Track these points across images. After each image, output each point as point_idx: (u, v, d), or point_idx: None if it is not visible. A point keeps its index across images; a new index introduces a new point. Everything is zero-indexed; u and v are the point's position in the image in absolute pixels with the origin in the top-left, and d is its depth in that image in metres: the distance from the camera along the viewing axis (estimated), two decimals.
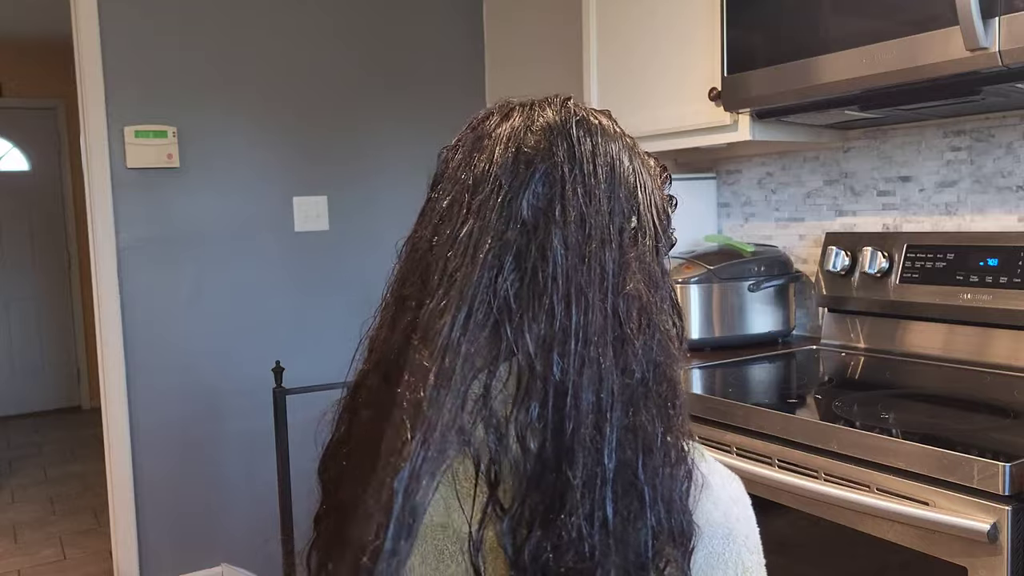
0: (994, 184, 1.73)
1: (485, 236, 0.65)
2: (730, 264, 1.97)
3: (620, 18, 2.15)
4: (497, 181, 0.67)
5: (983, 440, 1.21)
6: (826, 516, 1.27)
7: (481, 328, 0.63)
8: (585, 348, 0.62)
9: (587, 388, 0.62)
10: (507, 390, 0.63)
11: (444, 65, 3.16)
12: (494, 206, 0.66)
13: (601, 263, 0.65)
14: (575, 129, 0.69)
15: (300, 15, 2.88)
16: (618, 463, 0.61)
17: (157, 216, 2.68)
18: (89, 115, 2.56)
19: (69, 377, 5.90)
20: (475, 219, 0.66)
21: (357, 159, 2.99)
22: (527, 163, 0.67)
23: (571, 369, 0.62)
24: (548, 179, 0.66)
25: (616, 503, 0.60)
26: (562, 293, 0.63)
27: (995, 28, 1.27)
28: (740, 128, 1.83)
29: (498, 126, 0.71)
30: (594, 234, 0.65)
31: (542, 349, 0.62)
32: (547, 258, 0.64)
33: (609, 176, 0.68)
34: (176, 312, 2.72)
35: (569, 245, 0.64)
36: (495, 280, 0.64)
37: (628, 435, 0.62)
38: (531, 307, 0.63)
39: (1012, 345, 1.60)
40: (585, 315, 0.63)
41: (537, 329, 0.63)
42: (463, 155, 0.71)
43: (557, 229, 0.65)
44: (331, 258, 2.94)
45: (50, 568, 3.26)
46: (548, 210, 0.65)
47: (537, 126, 0.69)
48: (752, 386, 1.68)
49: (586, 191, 0.67)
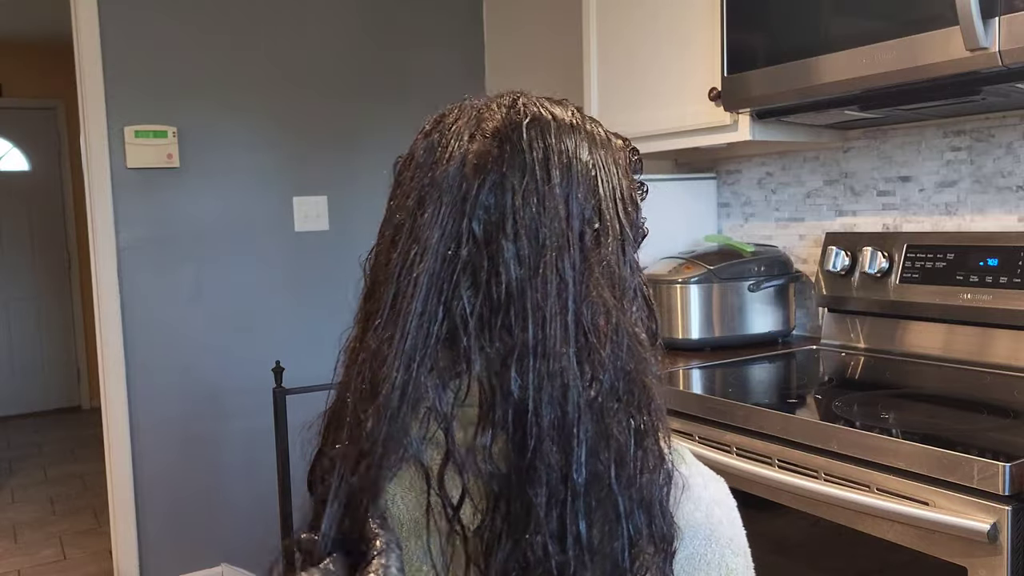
0: (994, 184, 1.73)
1: (428, 260, 0.62)
2: (730, 264, 1.97)
3: (620, 19, 2.15)
4: (441, 200, 0.64)
5: (983, 440, 1.21)
6: (826, 516, 1.27)
7: (431, 351, 0.62)
8: (545, 363, 0.60)
9: (549, 404, 0.60)
10: (468, 411, 0.62)
11: (444, 65, 3.16)
12: (440, 224, 0.63)
13: (560, 273, 0.62)
14: (526, 132, 0.65)
15: (300, 16, 2.88)
16: (589, 476, 0.59)
17: (157, 216, 2.68)
18: (89, 115, 2.56)
19: (69, 377, 5.90)
20: (418, 242, 0.63)
21: (357, 159, 2.99)
22: (475, 173, 0.64)
23: (530, 386, 0.60)
24: (498, 189, 0.63)
25: (589, 516, 0.59)
26: (518, 308, 0.61)
27: (995, 28, 1.27)
28: (740, 128, 1.83)
29: (446, 132, 0.67)
30: (550, 243, 0.62)
31: (500, 367, 0.60)
32: (499, 273, 0.62)
33: (565, 177, 0.65)
34: (176, 312, 2.72)
35: (522, 258, 0.62)
36: (447, 302, 0.62)
37: (599, 446, 0.60)
38: (488, 325, 0.62)
39: (1012, 345, 1.60)
40: (543, 329, 0.61)
41: (494, 347, 0.61)
42: (414, 166, 0.68)
43: (508, 243, 0.62)
44: (331, 258, 2.94)
45: (50, 568, 3.26)
46: (500, 223, 0.63)
47: (486, 131, 0.66)
48: (752, 386, 1.68)
49: (539, 198, 0.63)
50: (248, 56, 2.80)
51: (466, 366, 0.62)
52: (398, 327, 0.62)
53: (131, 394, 2.65)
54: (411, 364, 0.62)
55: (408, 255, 0.64)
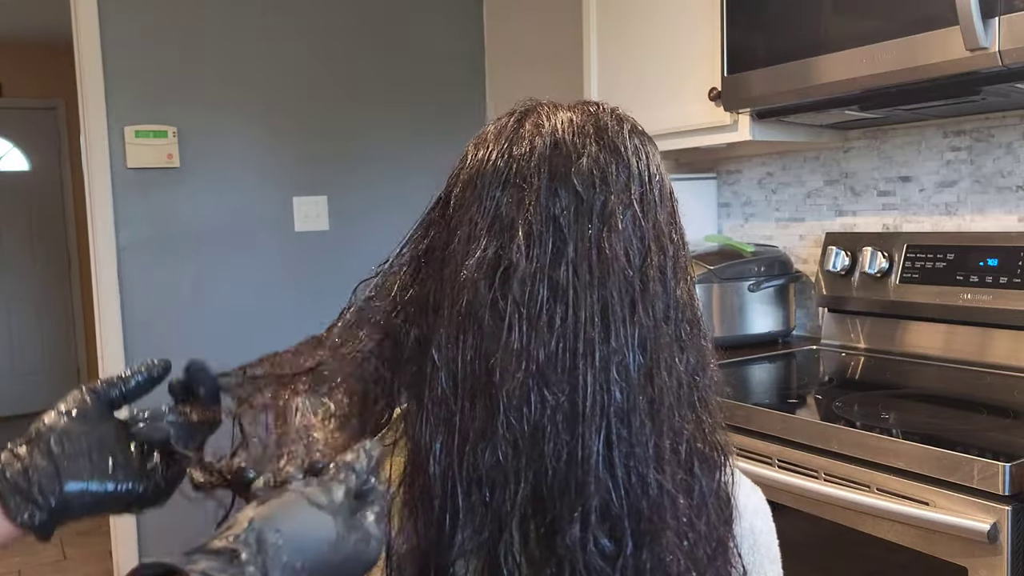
0: (994, 184, 1.73)
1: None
2: (730, 264, 1.97)
3: (620, 18, 2.15)
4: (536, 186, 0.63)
5: (983, 440, 1.21)
6: (826, 516, 1.27)
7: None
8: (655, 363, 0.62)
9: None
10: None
11: (444, 65, 3.16)
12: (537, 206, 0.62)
13: (661, 270, 0.64)
14: (629, 137, 0.67)
15: (300, 15, 2.88)
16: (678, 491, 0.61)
17: (157, 216, 2.68)
18: (89, 115, 2.56)
19: (69, 377, 5.89)
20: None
21: (357, 159, 2.99)
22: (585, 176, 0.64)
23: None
24: (603, 186, 0.63)
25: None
26: (625, 304, 0.62)
27: (995, 28, 1.27)
28: (740, 128, 1.83)
29: (542, 125, 0.66)
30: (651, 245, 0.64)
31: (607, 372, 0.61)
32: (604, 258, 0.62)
33: (661, 189, 0.67)
34: (176, 312, 2.72)
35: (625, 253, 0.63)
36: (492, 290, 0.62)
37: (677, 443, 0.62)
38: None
39: (1012, 345, 1.60)
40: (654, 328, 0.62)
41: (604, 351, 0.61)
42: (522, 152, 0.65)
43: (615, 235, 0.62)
44: (331, 258, 2.93)
45: (50, 568, 3.26)
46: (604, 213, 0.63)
47: (600, 137, 0.65)
48: (752, 386, 1.68)
49: (642, 202, 0.64)
50: (248, 56, 2.79)
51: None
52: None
53: None
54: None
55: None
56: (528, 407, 0.58)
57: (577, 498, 0.57)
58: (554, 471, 0.58)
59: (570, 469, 0.58)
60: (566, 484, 0.58)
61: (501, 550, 0.58)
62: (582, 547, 0.57)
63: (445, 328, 0.62)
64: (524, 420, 0.58)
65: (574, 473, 0.58)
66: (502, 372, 0.59)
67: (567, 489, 0.58)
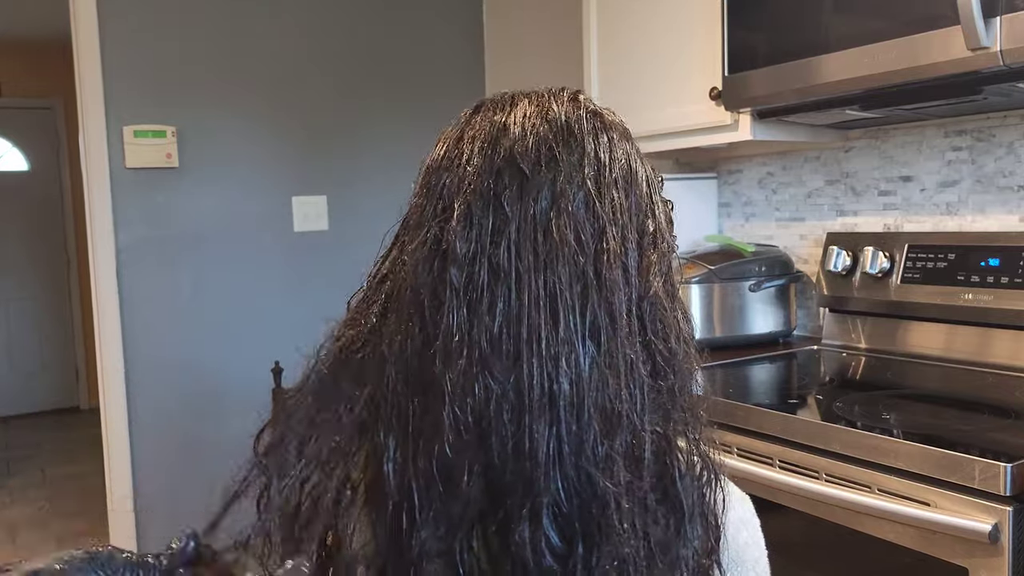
0: (995, 184, 1.73)
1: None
2: (731, 264, 1.97)
3: (620, 18, 2.14)
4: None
5: (984, 440, 1.21)
6: (826, 517, 1.27)
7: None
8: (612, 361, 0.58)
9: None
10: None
11: (444, 65, 3.16)
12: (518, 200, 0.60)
13: (624, 265, 0.60)
14: (587, 119, 0.64)
15: (299, 14, 2.88)
16: (657, 475, 0.58)
17: (156, 216, 2.68)
18: (88, 115, 2.56)
19: (68, 377, 5.89)
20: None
21: (357, 158, 2.99)
22: (547, 162, 0.61)
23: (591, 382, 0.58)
24: (564, 180, 0.61)
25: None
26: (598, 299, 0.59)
27: (996, 27, 1.27)
28: (741, 128, 1.83)
29: (507, 117, 0.64)
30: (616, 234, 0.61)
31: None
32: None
33: (625, 174, 0.63)
34: (175, 312, 2.71)
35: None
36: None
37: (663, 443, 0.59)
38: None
39: (1013, 345, 1.60)
40: (612, 326, 0.59)
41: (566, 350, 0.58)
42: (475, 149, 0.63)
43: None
44: (331, 258, 2.93)
45: None
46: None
47: (551, 117, 0.63)
48: (753, 386, 1.68)
49: (598, 183, 0.61)
50: (247, 55, 2.79)
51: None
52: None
53: (130, 394, 2.65)
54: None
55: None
56: (472, 396, 0.55)
57: (526, 493, 0.55)
58: (502, 464, 0.55)
59: (518, 462, 0.55)
60: (516, 478, 0.55)
61: (457, 549, 0.55)
62: (532, 546, 0.54)
63: (395, 318, 0.60)
64: (469, 410, 0.55)
65: (522, 467, 0.55)
66: (444, 360, 0.56)
67: (516, 484, 0.55)
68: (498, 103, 0.66)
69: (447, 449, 0.55)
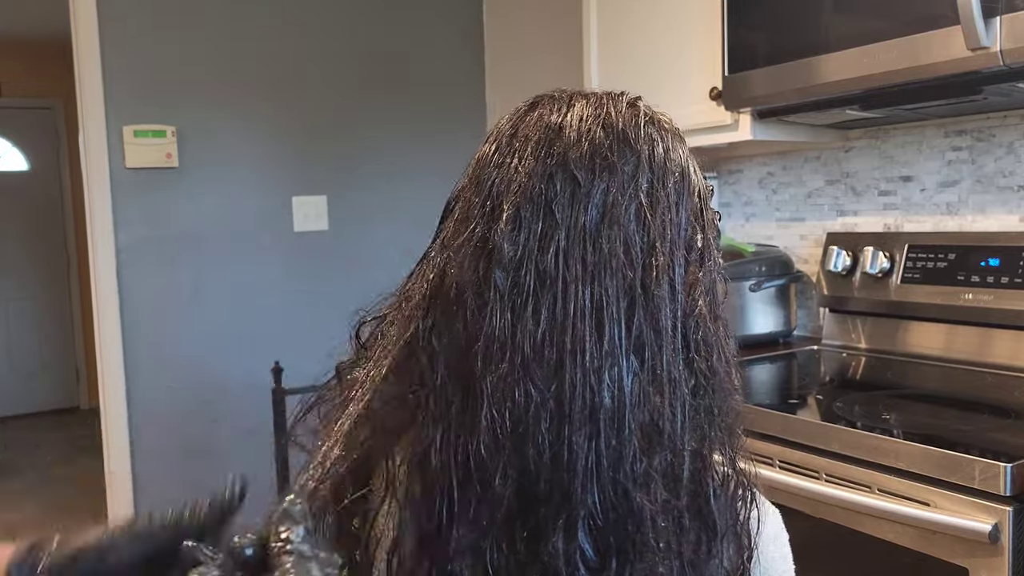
0: (995, 184, 1.73)
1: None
2: (731, 264, 1.97)
3: (620, 18, 2.14)
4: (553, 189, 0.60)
5: (984, 440, 1.21)
6: (826, 517, 1.27)
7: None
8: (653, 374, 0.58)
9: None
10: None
11: (444, 65, 3.15)
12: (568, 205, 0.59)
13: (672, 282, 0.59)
14: (644, 127, 0.63)
15: (299, 14, 2.88)
16: (691, 494, 0.58)
17: (156, 216, 2.68)
18: (88, 115, 2.56)
19: (68, 377, 5.89)
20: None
21: (357, 159, 2.98)
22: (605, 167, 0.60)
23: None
24: (620, 185, 0.60)
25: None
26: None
27: (996, 27, 1.27)
28: (741, 128, 1.83)
29: (563, 118, 0.63)
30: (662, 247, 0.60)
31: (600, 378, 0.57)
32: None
33: (679, 186, 0.62)
34: (175, 312, 2.71)
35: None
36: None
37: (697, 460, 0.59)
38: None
39: (1013, 345, 1.60)
40: (658, 342, 0.58)
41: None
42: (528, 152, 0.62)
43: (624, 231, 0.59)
44: (331, 258, 2.93)
45: None
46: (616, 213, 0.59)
47: (608, 123, 0.62)
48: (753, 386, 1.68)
49: (651, 195, 0.61)
50: (247, 55, 2.79)
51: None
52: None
53: (130, 394, 2.65)
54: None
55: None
56: (512, 401, 0.55)
57: (563, 505, 0.55)
58: (538, 473, 0.55)
59: (556, 472, 0.55)
60: (551, 488, 0.55)
61: (487, 549, 0.55)
62: (566, 558, 0.54)
63: (440, 313, 0.60)
64: (507, 414, 0.55)
65: (559, 477, 0.55)
66: (484, 362, 0.56)
67: (552, 494, 0.55)
68: (555, 102, 0.65)
69: (482, 448, 0.55)
